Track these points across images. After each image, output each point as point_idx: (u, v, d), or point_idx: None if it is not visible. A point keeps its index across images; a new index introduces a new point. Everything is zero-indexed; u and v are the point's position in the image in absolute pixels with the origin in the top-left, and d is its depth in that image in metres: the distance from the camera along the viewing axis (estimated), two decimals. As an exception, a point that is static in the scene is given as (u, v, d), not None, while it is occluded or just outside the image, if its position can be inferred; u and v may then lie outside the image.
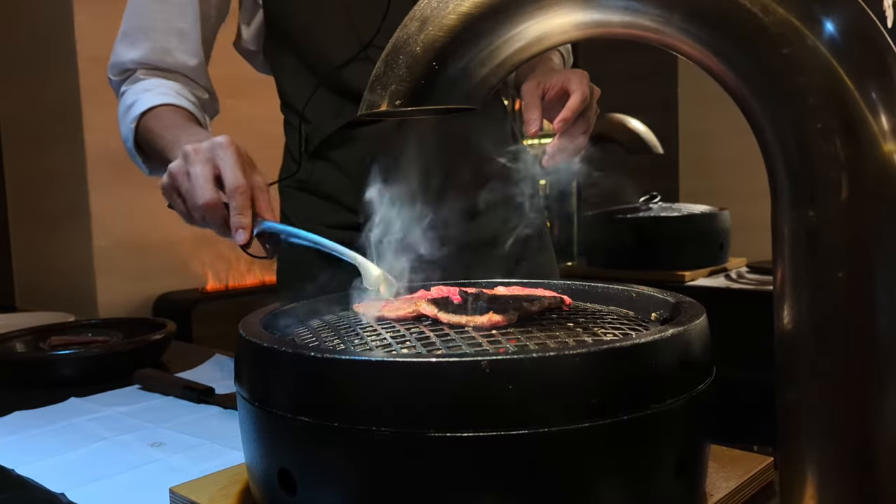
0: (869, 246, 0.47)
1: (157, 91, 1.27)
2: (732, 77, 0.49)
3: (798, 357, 0.50)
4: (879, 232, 0.47)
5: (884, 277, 0.47)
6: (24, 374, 1.40)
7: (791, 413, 0.52)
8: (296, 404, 0.63)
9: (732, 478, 0.72)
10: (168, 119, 1.23)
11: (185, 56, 1.30)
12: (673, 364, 0.62)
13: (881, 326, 0.47)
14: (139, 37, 1.30)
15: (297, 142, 1.36)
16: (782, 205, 0.49)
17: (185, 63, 1.31)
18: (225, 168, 1.00)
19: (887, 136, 0.46)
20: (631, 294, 0.86)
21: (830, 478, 0.51)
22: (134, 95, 1.27)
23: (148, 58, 1.30)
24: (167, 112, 1.24)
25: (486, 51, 0.57)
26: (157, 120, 1.23)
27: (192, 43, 1.31)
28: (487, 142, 1.39)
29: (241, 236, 0.99)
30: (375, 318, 0.81)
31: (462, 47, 0.57)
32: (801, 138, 0.47)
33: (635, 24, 0.52)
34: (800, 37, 0.46)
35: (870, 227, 0.47)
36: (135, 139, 1.26)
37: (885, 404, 0.49)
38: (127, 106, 1.27)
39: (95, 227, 2.89)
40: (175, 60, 1.30)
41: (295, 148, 1.38)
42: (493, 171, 1.39)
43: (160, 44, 1.29)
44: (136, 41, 1.30)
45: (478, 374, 0.57)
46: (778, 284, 0.50)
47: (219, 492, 0.75)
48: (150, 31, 1.29)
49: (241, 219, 0.99)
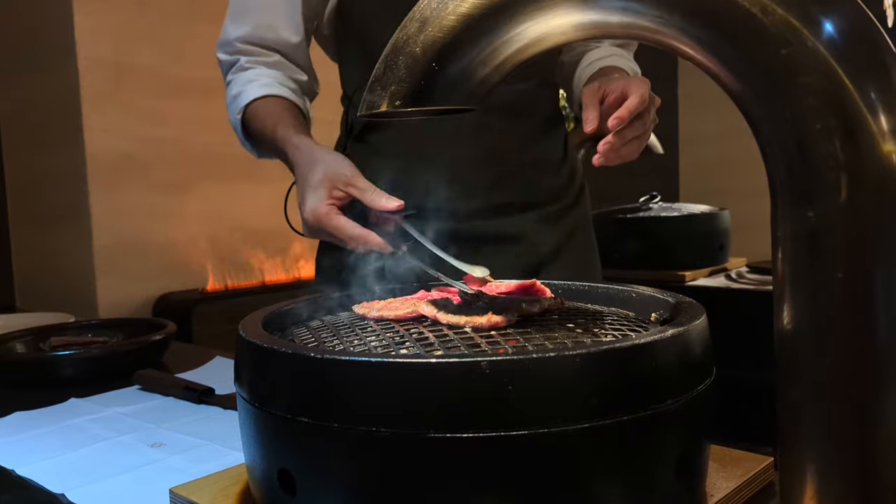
0: (868, 246, 0.47)
1: (260, 82, 1.33)
2: (731, 78, 0.49)
3: (798, 356, 0.50)
4: (879, 232, 0.47)
5: (883, 277, 0.47)
6: (25, 375, 1.40)
7: (791, 413, 0.52)
8: (295, 405, 0.63)
9: (732, 478, 0.73)
10: (273, 113, 1.30)
11: (287, 33, 1.36)
12: (673, 365, 0.62)
13: (881, 326, 0.47)
14: (244, 15, 1.37)
15: (346, 128, 1.42)
16: (782, 205, 0.49)
17: (287, 40, 1.36)
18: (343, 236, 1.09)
19: (886, 136, 0.46)
20: (631, 294, 0.86)
21: (830, 477, 0.51)
22: (239, 86, 1.34)
23: (253, 34, 1.36)
24: (272, 104, 1.31)
25: (485, 51, 0.57)
26: (262, 112, 1.31)
27: (294, 20, 1.36)
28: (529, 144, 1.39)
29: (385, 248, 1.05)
30: (375, 319, 0.81)
31: (461, 48, 0.57)
32: (801, 139, 0.47)
33: (634, 24, 0.52)
34: (799, 37, 0.46)
35: (869, 227, 0.47)
36: (243, 128, 1.34)
37: (884, 403, 0.49)
38: (233, 96, 1.35)
39: (95, 227, 2.88)
40: (277, 37, 1.36)
41: (344, 135, 1.44)
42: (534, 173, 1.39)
43: (265, 21, 1.35)
44: (241, 19, 1.37)
45: (477, 375, 0.57)
46: (778, 284, 0.50)
47: (219, 492, 0.75)
48: (255, 9, 1.36)
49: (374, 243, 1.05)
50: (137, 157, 2.91)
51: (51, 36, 2.96)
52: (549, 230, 1.40)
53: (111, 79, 2.85)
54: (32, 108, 3.13)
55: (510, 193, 1.36)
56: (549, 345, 0.67)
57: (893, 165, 0.46)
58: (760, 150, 0.50)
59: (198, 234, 3.04)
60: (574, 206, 1.47)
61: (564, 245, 1.43)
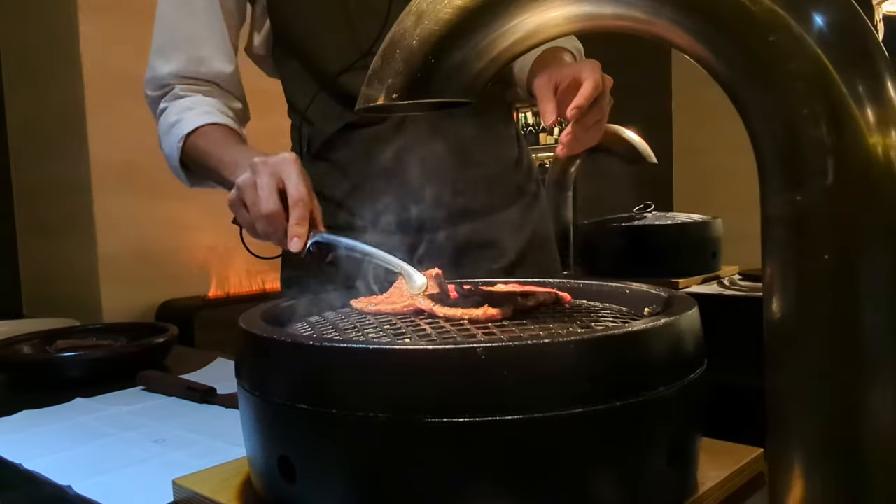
0: (855, 229, 0.48)
1: (199, 110, 1.31)
2: (721, 64, 0.51)
3: (786, 341, 0.51)
4: (865, 215, 0.48)
5: (869, 259, 0.48)
6: (32, 376, 1.41)
7: (778, 397, 0.52)
8: (294, 392, 0.64)
9: (723, 467, 0.73)
10: (216, 139, 1.28)
11: (220, 64, 1.34)
12: (665, 352, 0.63)
13: (866, 307, 0.48)
14: (173, 50, 1.34)
15: (300, 143, 1.39)
16: (770, 189, 0.50)
17: (221, 71, 1.35)
18: (289, 181, 1.06)
19: (872, 122, 0.47)
20: (624, 291, 0.87)
21: (817, 463, 0.51)
22: (177, 114, 1.31)
23: (184, 69, 1.33)
24: (213, 131, 1.29)
25: (481, 44, 0.58)
26: (205, 140, 1.28)
27: (224, 50, 1.35)
28: (489, 144, 1.40)
29: (296, 245, 1.04)
30: (373, 314, 0.82)
31: (458, 41, 0.58)
32: (788, 123, 0.48)
33: (627, 15, 0.53)
34: (786, 25, 0.47)
35: (856, 210, 0.48)
36: (180, 156, 1.31)
37: (870, 386, 0.49)
38: (170, 124, 1.32)
39: (100, 235, 2.91)
40: (210, 69, 1.34)
41: (297, 150, 1.41)
42: (496, 173, 1.40)
43: (195, 54, 1.33)
44: (170, 55, 1.34)
45: (473, 361, 0.57)
46: (767, 270, 0.51)
47: (221, 483, 0.76)
48: (183, 43, 1.33)
49: (298, 228, 1.04)
50: (141, 166, 2.93)
51: (56, 47, 2.99)
52: (516, 230, 1.41)
53: (116, 88, 2.88)
54: (39, 118, 3.16)
55: (476, 196, 1.36)
56: (544, 334, 0.68)
57: (878, 151, 0.48)
58: (749, 135, 0.51)
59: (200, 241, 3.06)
60: (534, 204, 1.48)
61: (531, 244, 1.44)
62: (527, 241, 1.42)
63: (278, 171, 1.06)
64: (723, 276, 2.37)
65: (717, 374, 0.72)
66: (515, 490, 0.59)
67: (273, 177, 1.06)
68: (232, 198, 1.12)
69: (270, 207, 1.05)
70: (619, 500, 0.62)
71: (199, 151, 1.28)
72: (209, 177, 1.29)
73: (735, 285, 2.21)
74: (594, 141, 1.14)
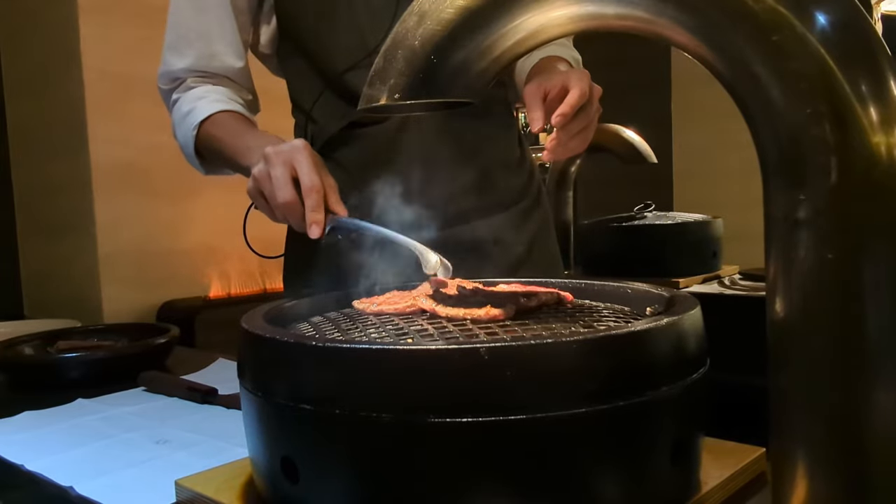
0: (858, 228, 0.48)
1: (211, 98, 1.33)
2: (723, 64, 0.51)
3: (789, 340, 0.51)
4: (868, 214, 0.48)
5: (873, 258, 0.48)
6: (33, 377, 1.42)
7: (781, 395, 0.52)
8: (297, 393, 0.64)
9: (725, 467, 0.73)
10: (229, 126, 1.31)
11: (231, 59, 1.36)
12: (668, 352, 0.63)
13: (869, 306, 0.48)
14: (185, 46, 1.36)
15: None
16: (774, 189, 0.50)
17: (231, 66, 1.37)
18: (301, 170, 1.09)
19: (875, 121, 0.47)
20: (626, 291, 0.87)
21: (820, 461, 0.51)
22: (189, 103, 1.34)
23: (196, 64, 1.36)
24: (226, 118, 1.32)
25: (483, 44, 0.58)
26: (218, 127, 1.31)
27: (234, 46, 1.37)
28: (492, 145, 1.40)
29: (315, 231, 1.07)
30: (375, 314, 0.82)
31: (460, 41, 0.58)
32: (792, 123, 0.48)
33: (629, 15, 0.53)
34: (789, 25, 0.47)
35: (859, 209, 0.48)
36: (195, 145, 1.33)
37: (872, 385, 0.49)
38: (184, 113, 1.34)
39: (100, 236, 2.91)
40: (222, 64, 1.36)
41: None
42: (498, 174, 1.41)
43: (207, 50, 1.35)
44: (182, 50, 1.36)
45: (476, 361, 0.58)
46: (771, 269, 0.51)
47: (223, 483, 0.76)
48: (195, 39, 1.36)
49: (315, 215, 1.08)
50: (142, 167, 2.93)
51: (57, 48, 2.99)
52: (520, 230, 1.42)
53: (116, 90, 2.88)
54: (39, 119, 3.16)
55: (478, 196, 1.37)
56: (547, 334, 0.68)
57: (882, 149, 0.48)
58: (752, 134, 0.51)
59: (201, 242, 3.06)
60: (536, 205, 1.49)
61: (534, 244, 1.44)
62: (529, 241, 1.42)
63: (290, 160, 1.09)
64: (723, 276, 2.38)
65: (717, 374, 0.72)
66: (518, 490, 0.59)
67: (286, 166, 1.09)
68: (250, 188, 1.15)
69: (286, 198, 1.08)
70: (623, 499, 0.62)
71: (213, 139, 1.31)
72: (224, 163, 1.32)
73: (735, 285, 2.21)
74: (580, 148, 1.14)
